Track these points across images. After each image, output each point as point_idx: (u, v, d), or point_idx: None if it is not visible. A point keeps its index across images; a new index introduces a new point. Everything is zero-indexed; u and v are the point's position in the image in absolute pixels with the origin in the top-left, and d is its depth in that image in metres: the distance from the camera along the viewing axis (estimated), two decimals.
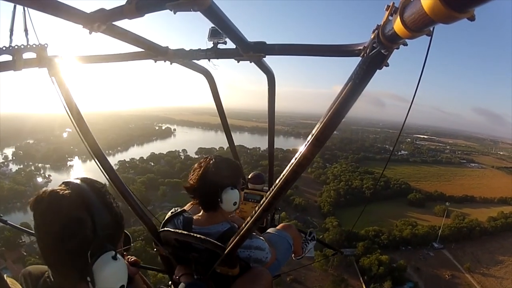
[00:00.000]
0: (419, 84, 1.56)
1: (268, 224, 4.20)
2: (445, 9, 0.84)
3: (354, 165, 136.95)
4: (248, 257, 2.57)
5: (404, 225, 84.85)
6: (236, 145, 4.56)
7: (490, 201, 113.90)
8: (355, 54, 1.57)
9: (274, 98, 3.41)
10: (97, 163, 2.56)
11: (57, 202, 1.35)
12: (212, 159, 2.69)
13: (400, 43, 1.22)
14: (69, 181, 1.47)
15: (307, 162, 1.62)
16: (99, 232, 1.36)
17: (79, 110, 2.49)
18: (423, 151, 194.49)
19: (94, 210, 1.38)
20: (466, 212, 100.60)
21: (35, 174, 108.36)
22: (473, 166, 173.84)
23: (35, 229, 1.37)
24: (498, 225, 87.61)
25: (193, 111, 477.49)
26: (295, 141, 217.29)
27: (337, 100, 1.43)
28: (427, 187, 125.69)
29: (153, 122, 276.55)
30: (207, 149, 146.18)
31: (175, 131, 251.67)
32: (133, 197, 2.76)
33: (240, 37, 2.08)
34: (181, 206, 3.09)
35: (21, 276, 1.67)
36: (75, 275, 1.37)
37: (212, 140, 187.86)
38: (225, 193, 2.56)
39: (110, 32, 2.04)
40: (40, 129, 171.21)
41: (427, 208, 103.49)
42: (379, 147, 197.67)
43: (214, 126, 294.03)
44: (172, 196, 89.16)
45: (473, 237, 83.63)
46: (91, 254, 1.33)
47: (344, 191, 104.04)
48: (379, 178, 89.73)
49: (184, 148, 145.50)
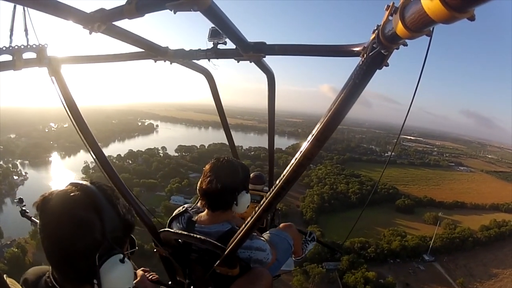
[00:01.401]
0: (418, 85, 1.56)
1: (268, 224, 4.24)
2: (445, 9, 0.84)
3: (339, 167, 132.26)
4: (249, 258, 2.54)
5: (393, 235, 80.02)
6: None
7: (482, 207, 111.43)
8: (355, 54, 1.57)
9: (274, 98, 3.41)
10: (97, 163, 2.65)
11: (67, 202, 1.34)
12: (226, 162, 2.66)
13: (400, 43, 1.22)
14: (77, 182, 1.45)
15: (308, 162, 1.63)
16: (108, 235, 1.36)
17: (79, 110, 2.55)
18: (411, 152, 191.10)
19: (104, 212, 1.37)
20: (457, 219, 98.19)
21: (12, 171, 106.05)
22: (462, 169, 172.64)
23: (41, 228, 1.36)
24: (491, 235, 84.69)
25: (178, 107, 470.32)
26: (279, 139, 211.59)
27: (337, 100, 1.43)
28: (416, 191, 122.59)
29: (136, 117, 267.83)
30: (188, 147, 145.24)
31: (157, 127, 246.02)
32: (133, 197, 2.82)
33: (240, 37, 2.10)
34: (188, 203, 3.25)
35: (26, 276, 1.65)
36: (80, 277, 1.37)
37: (195, 137, 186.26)
38: (241, 197, 2.60)
39: (110, 32, 2.06)
40: (24, 123, 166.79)
41: (417, 214, 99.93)
42: (365, 147, 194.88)
43: (198, 122, 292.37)
44: (145, 198, 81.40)
45: (466, 248, 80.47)
46: (99, 256, 1.33)
47: (329, 196, 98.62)
48: (375, 185, 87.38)
49: (164, 146, 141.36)
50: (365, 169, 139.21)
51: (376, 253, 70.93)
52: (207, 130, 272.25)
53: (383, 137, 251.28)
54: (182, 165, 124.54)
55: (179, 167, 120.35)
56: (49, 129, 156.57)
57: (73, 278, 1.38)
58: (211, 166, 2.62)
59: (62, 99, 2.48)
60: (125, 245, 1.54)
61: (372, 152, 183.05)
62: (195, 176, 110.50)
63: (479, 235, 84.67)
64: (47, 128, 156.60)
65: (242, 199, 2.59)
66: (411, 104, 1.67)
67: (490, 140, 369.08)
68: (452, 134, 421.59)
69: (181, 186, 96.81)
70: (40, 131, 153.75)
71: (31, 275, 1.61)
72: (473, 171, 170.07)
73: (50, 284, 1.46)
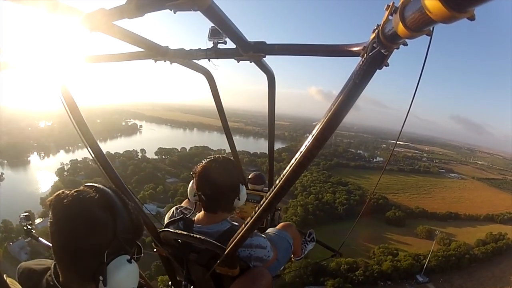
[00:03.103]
0: (418, 86, 1.56)
1: (268, 224, 4.22)
2: (445, 9, 0.85)
3: (326, 174, 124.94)
4: (249, 256, 2.54)
5: (383, 254, 72.22)
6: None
7: (476, 218, 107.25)
8: (355, 54, 1.57)
9: (274, 98, 3.42)
10: (97, 163, 2.65)
11: (82, 201, 1.40)
12: (218, 161, 2.69)
13: (400, 43, 1.22)
14: (92, 185, 1.52)
15: (308, 162, 1.66)
16: (119, 235, 1.41)
17: (80, 111, 2.57)
18: (400, 158, 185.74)
19: (117, 213, 1.44)
20: (451, 232, 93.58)
21: None
22: (453, 176, 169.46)
23: (54, 222, 1.40)
24: (488, 250, 79.15)
25: (166, 107, 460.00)
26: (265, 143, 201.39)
27: (337, 100, 1.45)
28: (407, 201, 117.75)
29: (122, 117, 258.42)
30: (168, 150, 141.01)
31: (141, 127, 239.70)
32: (133, 197, 2.84)
33: (240, 37, 2.13)
34: None
35: (20, 273, 1.70)
36: (86, 274, 1.41)
37: (178, 139, 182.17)
38: (241, 191, 2.72)
39: (110, 32, 2.06)
40: (5, 121, 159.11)
41: (408, 227, 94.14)
42: (353, 152, 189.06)
43: (183, 123, 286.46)
44: None
45: (462, 266, 74.43)
46: (108, 254, 1.38)
47: (314, 207, 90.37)
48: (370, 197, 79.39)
49: (143, 148, 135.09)
50: (353, 175, 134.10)
51: (365, 276, 63.41)
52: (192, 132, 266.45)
53: (372, 141, 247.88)
54: (160, 169, 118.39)
55: (156, 172, 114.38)
56: (32, 128, 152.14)
57: (80, 274, 1.42)
58: (205, 166, 2.64)
59: (62, 99, 2.46)
60: (134, 248, 1.57)
61: (360, 158, 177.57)
62: (172, 182, 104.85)
63: (476, 251, 79.19)
64: (30, 127, 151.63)
65: (242, 193, 2.71)
66: (410, 107, 1.68)
67: (480, 146, 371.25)
68: (441, 139, 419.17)
69: (155, 193, 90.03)
70: (21, 128, 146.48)
71: (30, 271, 1.65)
72: (464, 178, 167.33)
73: (51, 283, 1.49)
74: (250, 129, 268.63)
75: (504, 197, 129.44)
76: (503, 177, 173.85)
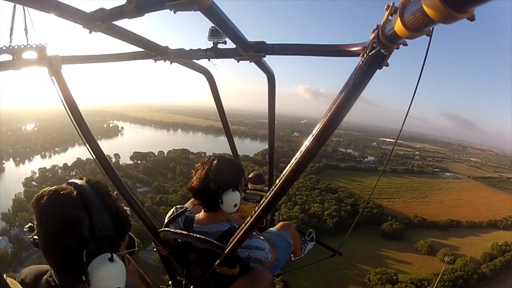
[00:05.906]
0: (417, 86, 1.55)
1: (268, 224, 4.21)
2: (445, 9, 0.85)
3: (313, 179, 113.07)
4: (248, 257, 2.57)
5: (381, 280, 61.38)
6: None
7: (478, 225, 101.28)
8: (355, 54, 1.58)
9: (274, 98, 3.42)
10: (97, 163, 2.66)
11: (57, 199, 1.38)
12: (214, 160, 2.69)
13: (400, 43, 1.22)
14: (72, 181, 1.50)
15: (308, 162, 1.65)
16: (97, 233, 1.38)
17: (80, 110, 2.58)
18: (392, 157, 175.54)
19: (93, 210, 1.39)
20: (453, 244, 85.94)
21: None
22: (448, 176, 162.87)
23: (37, 224, 1.41)
24: (497, 267, 71.31)
25: (153, 107, 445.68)
26: (251, 143, 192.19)
27: (337, 100, 1.44)
28: (403, 207, 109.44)
29: (106, 118, 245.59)
30: (144, 154, 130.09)
31: (122, 129, 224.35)
32: (133, 197, 2.81)
33: (240, 36, 2.15)
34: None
35: (22, 277, 1.68)
36: (72, 273, 1.39)
37: (160, 142, 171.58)
38: (225, 195, 2.58)
39: (110, 32, 2.10)
40: None
41: (407, 240, 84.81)
42: (343, 152, 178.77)
43: (167, 124, 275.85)
44: None
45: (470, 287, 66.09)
46: (87, 254, 1.35)
47: (299, 221, 78.19)
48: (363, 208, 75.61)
49: (117, 152, 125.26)
50: (344, 179, 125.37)
51: None
52: (176, 133, 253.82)
53: (361, 140, 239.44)
54: (131, 176, 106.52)
55: (128, 180, 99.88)
56: (12, 132, 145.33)
57: (67, 274, 1.41)
58: (199, 164, 2.67)
59: (62, 99, 2.47)
60: (119, 245, 1.51)
61: (350, 158, 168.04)
62: (143, 191, 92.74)
63: (484, 268, 71.03)
64: (10, 132, 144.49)
65: (226, 197, 2.55)
66: (410, 107, 1.68)
67: (471, 142, 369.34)
68: (431, 136, 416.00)
69: None
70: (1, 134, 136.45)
71: (28, 274, 1.63)
72: (459, 177, 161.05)
73: (52, 283, 1.48)
74: (236, 128, 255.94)
75: (503, 197, 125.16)
76: (499, 175, 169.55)
